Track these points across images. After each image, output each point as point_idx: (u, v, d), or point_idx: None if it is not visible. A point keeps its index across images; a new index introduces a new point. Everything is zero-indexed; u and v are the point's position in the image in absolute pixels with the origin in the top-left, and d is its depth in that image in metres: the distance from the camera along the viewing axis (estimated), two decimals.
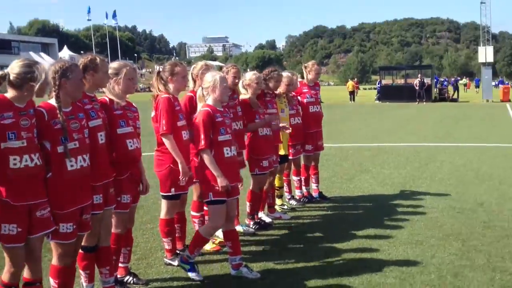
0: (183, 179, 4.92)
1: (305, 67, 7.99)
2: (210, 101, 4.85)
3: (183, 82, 5.20)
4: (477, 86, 58.72)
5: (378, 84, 45.64)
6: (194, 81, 5.63)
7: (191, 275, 4.87)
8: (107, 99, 4.35)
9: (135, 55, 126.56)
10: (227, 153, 4.78)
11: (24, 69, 3.45)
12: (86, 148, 3.80)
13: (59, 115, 3.61)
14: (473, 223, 6.69)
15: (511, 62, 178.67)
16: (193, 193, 5.71)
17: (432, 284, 4.74)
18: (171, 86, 5.12)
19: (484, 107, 33.59)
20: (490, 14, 43.58)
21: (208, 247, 5.66)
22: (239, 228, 6.31)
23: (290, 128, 6.73)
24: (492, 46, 43.66)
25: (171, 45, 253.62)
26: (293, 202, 7.79)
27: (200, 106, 4.88)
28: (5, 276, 3.53)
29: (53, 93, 3.68)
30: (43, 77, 3.50)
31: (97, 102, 4.22)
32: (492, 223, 6.64)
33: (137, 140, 4.51)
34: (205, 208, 5.52)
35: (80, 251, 4.14)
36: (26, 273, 3.63)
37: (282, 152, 7.07)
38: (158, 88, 5.05)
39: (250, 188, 6.56)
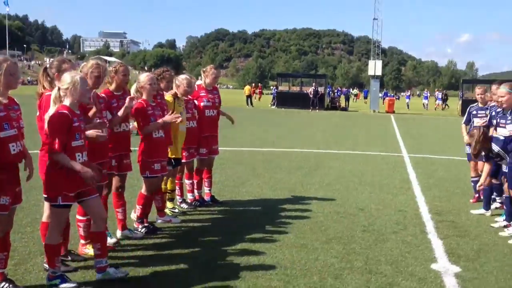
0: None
1: (204, 71, 8.00)
2: (67, 102, 4.58)
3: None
4: (366, 97, 62.42)
5: (274, 90, 46.93)
6: None
7: (65, 286, 4.62)
8: None
9: (25, 45, 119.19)
10: (79, 159, 4.58)
11: None
12: None
13: None
14: (354, 227, 7.08)
15: (397, 76, 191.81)
16: None
17: (314, 286, 4.94)
18: (56, 83, 4.89)
19: (371, 117, 35.75)
20: (382, 30, 46.58)
21: (92, 252, 5.46)
22: (125, 233, 6.17)
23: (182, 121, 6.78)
24: (381, 60, 46.64)
25: (64, 38, 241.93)
26: (184, 206, 7.76)
27: (54, 107, 4.56)
28: None
29: None
30: None
31: None
32: (371, 227, 7.07)
33: (20, 143, 4.29)
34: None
35: None
36: None
37: (174, 155, 7.02)
38: (43, 85, 4.80)
39: (141, 191, 6.43)
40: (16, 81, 4.31)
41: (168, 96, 6.93)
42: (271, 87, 50.47)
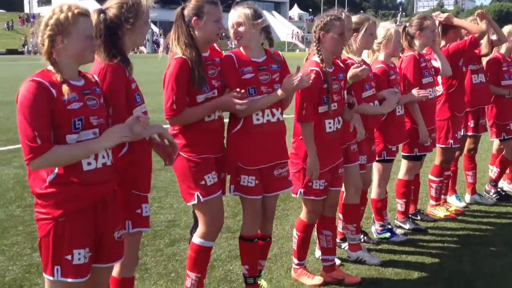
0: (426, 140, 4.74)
1: None
2: (382, 57, 4.49)
3: (432, 37, 4.85)
4: None
5: None
6: None
7: (395, 239, 4.72)
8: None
9: (361, 11, 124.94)
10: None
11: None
12: (341, 111, 3.79)
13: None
14: None
15: None
16: (436, 156, 5.43)
17: None
18: (417, 42, 4.83)
19: None
20: None
21: (442, 214, 5.38)
22: (475, 197, 5.86)
23: None
24: None
25: (398, 0, 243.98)
26: None
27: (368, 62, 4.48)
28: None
29: (314, 48, 3.64)
30: None
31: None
32: None
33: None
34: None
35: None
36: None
37: None
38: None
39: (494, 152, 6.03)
40: (373, 42, 4.34)
41: None
42: None
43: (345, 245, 4.48)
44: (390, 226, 4.85)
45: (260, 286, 3.69)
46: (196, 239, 3.37)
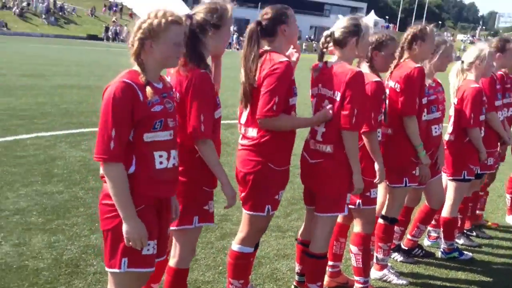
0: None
1: None
2: (472, 77, 4.34)
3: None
4: None
5: None
6: None
7: (464, 258, 4.60)
8: None
9: (439, 22, 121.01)
10: None
11: (350, 22, 3.22)
12: None
13: None
14: None
15: None
16: None
17: None
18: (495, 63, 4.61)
19: None
20: None
21: None
22: None
23: None
24: None
25: (480, 14, 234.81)
26: None
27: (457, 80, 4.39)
28: None
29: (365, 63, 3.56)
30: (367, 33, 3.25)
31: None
32: None
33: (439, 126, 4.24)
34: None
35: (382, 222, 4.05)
36: None
37: None
38: None
39: None
40: (448, 64, 4.19)
41: None
42: None
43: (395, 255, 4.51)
44: (454, 246, 4.70)
45: None
46: (235, 246, 3.32)
